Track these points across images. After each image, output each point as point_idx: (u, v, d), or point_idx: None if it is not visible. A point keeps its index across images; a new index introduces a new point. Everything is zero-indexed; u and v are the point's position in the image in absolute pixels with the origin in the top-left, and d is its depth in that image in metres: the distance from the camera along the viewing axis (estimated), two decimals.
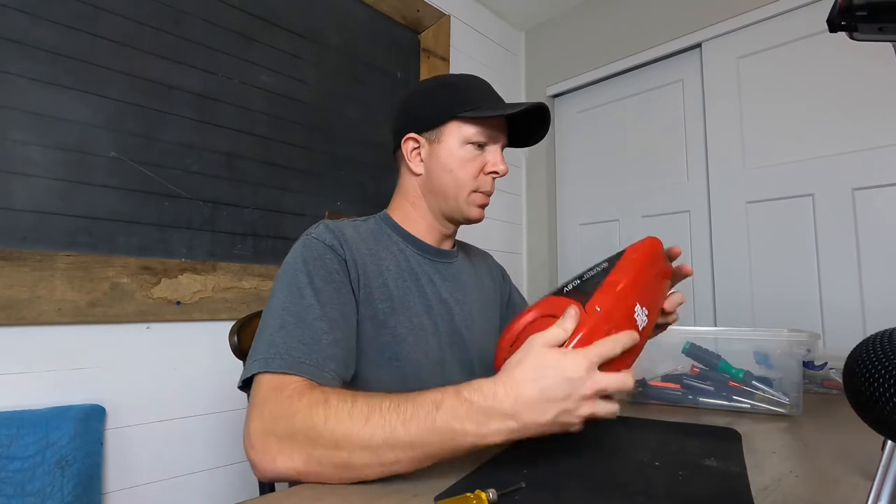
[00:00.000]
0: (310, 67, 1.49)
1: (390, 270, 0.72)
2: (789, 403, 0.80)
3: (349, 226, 0.73)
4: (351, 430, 0.46)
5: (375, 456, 0.46)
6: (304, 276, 0.61)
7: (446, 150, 0.74)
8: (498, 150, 0.76)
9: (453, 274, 0.82)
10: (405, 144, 0.77)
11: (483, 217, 0.79)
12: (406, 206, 0.80)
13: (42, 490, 0.90)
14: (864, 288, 1.40)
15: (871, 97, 1.41)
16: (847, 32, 0.35)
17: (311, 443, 0.47)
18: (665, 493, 0.44)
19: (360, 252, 0.69)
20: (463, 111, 0.72)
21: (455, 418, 0.45)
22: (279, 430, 0.48)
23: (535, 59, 2.35)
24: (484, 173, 0.75)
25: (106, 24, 1.11)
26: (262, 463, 0.49)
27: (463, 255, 0.88)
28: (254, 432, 0.50)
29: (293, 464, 0.48)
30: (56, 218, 1.02)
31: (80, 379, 1.03)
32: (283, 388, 0.51)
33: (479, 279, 0.88)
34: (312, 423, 0.47)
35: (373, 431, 0.45)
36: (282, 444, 0.48)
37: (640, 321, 0.53)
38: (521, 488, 0.44)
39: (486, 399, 0.45)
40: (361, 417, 0.46)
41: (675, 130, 1.87)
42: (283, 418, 0.49)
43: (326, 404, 0.48)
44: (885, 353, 0.27)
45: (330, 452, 0.46)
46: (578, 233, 2.18)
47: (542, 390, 0.45)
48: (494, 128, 0.75)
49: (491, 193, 0.78)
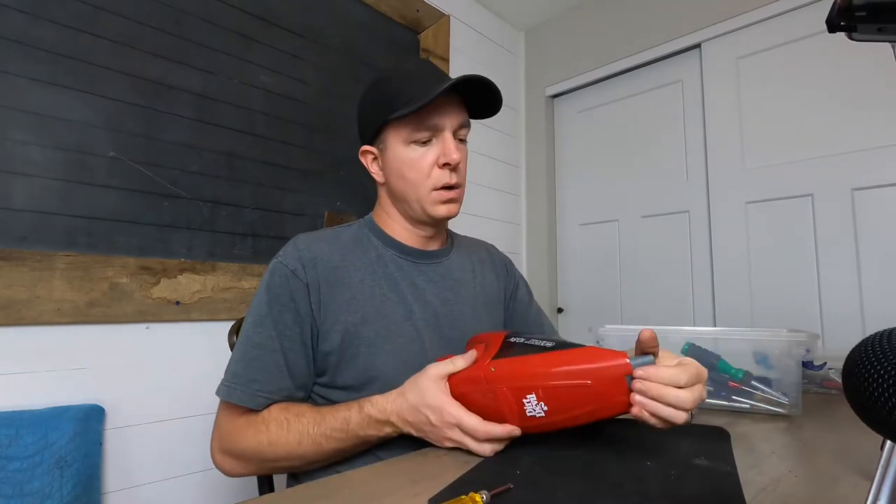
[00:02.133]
0: (310, 67, 1.49)
1: (364, 281, 0.72)
2: (788, 403, 0.80)
3: (326, 237, 0.74)
4: (288, 450, 0.61)
5: (307, 462, 0.63)
6: (265, 306, 0.68)
7: (392, 155, 0.73)
8: (447, 139, 0.71)
9: (441, 274, 0.80)
10: (363, 158, 0.79)
11: (454, 212, 0.75)
12: (382, 214, 0.80)
13: (41, 490, 0.90)
14: (864, 288, 1.40)
15: (871, 97, 1.41)
16: (846, 33, 0.35)
17: (259, 459, 0.64)
18: (658, 493, 0.44)
19: (330, 266, 0.70)
20: (392, 114, 0.69)
21: (360, 428, 0.60)
22: (233, 450, 0.64)
23: (535, 59, 2.35)
24: (438, 167, 0.71)
25: (106, 24, 1.11)
26: (223, 470, 0.67)
27: (457, 252, 0.85)
28: (214, 450, 0.67)
29: (247, 471, 0.66)
30: (55, 218, 1.02)
31: (80, 379, 1.03)
32: (235, 416, 0.65)
33: (476, 275, 0.85)
34: (258, 447, 0.62)
35: (305, 450, 0.61)
36: (236, 460, 0.65)
37: (530, 409, 0.53)
38: (512, 489, 0.44)
39: (380, 413, 0.59)
40: (294, 440, 0.61)
41: (675, 131, 1.87)
42: (235, 442, 0.64)
43: (268, 432, 0.62)
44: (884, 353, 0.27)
45: (275, 464, 0.64)
46: (578, 233, 2.18)
47: (414, 411, 0.57)
48: (434, 116, 0.70)
49: (454, 186, 0.73)
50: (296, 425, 0.61)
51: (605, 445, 0.59)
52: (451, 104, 0.71)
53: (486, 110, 0.76)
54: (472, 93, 0.73)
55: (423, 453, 0.59)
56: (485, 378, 0.55)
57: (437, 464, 0.55)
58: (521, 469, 0.50)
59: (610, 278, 2.04)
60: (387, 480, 0.50)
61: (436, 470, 0.52)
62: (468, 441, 0.55)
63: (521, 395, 0.53)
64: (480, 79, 0.68)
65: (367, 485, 0.49)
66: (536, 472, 0.50)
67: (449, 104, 0.71)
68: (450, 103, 0.71)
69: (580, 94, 2.21)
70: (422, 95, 0.67)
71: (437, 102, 0.69)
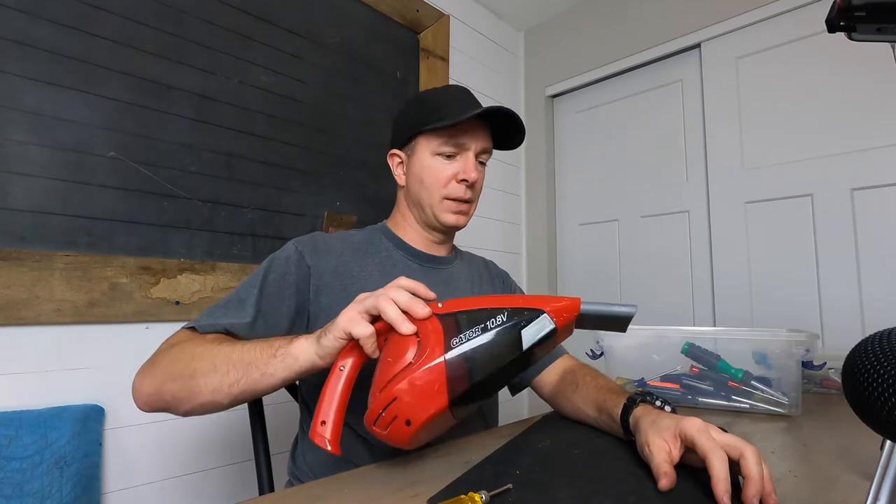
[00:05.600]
0: (309, 67, 1.49)
1: (373, 275, 0.77)
2: (788, 403, 0.80)
3: (340, 237, 0.81)
4: (204, 351, 0.58)
5: (213, 365, 0.57)
6: (262, 271, 0.72)
7: (418, 162, 0.80)
8: (469, 158, 0.79)
9: (444, 279, 0.85)
10: (390, 160, 0.86)
11: (462, 222, 0.82)
12: (398, 216, 0.87)
13: (41, 490, 0.90)
14: (863, 288, 1.40)
15: (870, 97, 1.41)
16: (846, 33, 0.35)
17: (169, 361, 0.60)
18: (657, 493, 0.44)
19: (342, 260, 0.77)
20: (427, 125, 0.77)
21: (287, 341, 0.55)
22: (153, 358, 0.63)
23: (535, 59, 2.35)
24: (456, 181, 0.79)
25: (105, 24, 1.11)
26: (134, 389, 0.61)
27: (460, 262, 0.91)
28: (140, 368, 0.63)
29: (151, 380, 0.60)
30: (55, 218, 1.02)
31: (79, 379, 1.03)
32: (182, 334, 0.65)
33: (474, 286, 0.90)
34: (174, 350, 0.61)
35: (220, 350, 0.57)
36: (149, 368, 0.61)
37: None
38: (511, 489, 0.44)
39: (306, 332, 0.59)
40: (215, 346, 0.59)
41: (674, 131, 1.87)
42: (159, 351, 0.63)
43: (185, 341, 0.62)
44: (883, 353, 0.27)
45: (179, 366, 0.58)
46: (578, 233, 2.18)
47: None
48: (462, 135, 0.78)
49: (466, 200, 0.81)
50: (210, 342, 0.60)
51: (605, 445, 0.59)
52: (480, 129, 0.80)
53: (507, 143, 0.85)
54: (500, 124, 0.81)
55: (423, 453, 0.59)
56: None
57: (436, 464, 0.55)
58: (520, 469, 0.50)
59: (610, 278, 2.04)
60: (386, 480, 0.50)
61: (435, 470, 0.52)
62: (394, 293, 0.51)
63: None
64: (511, 113, 0.77)
65: (367, 485, 0.49)
66: (536, 472, 0.50)
67: (478, 129, 0.79)
68: (479, 128, 0.79)
69: (580, 94, 2.21)
70: (457, 115, 0.75)
71: (469, 124, 0.78)
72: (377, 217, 0.91)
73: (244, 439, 1.23)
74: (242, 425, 1.21)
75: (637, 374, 0.93)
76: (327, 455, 0.73)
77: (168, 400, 0.59)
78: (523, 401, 2.17)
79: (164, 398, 0.59)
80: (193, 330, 0.66)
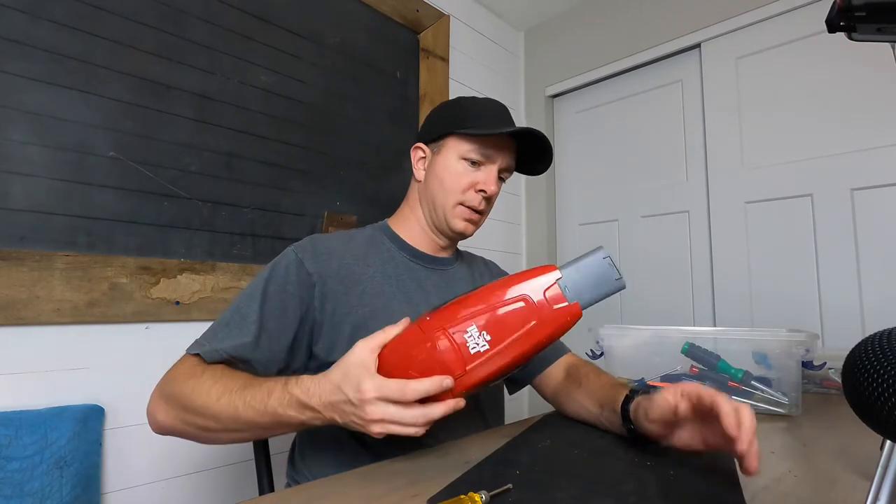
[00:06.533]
0: (309, 67, 1.49)
1: (375, 277, 0.76)
2: (788, 403, 0.80)
3: (340, 237, 0.80)
4: (207, 404, 0.57)
5: (223, 426, 0.58)
6: (263, 282, 0.70)
7: (442, 162, 0.80)
8: (492, 171, 0.79)
9: (447, 281, 0.84)
10: (414, 152, 0.85)
11: (470, 231, 0.82)
12: (406, 211, 0.86)
13: (41, 490, 0.90)
14: (863, 288, 1.40)
15: (870, 97, 1.41)
16: (846, 33, 0.35)
17: (180, 405, 0.60)
18: (658, 493, 0.44)
19: (344, 262, 0.75)
20: (461, 128, 0.77)
21: (280, 406, 0.54)
22: (165, 390, 0.62)
23: (535, 59, 2.35)
24: (475, 190, 0.79)
25: (106, 24, 1.11)
26: (150, 415, 0.63)
27: (461, 263, 0.91)
28: (153, 392, 0.64)
29: (167, 419, 0.61)
30: (55, 218, 1.02)
31: (79, 379, 1.03)
32: (188, 363, 0.64)
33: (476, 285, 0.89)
34: (183, 389, 0.60)
35: (221, 409, 0.57)
36: (164, 403, 0.61)
37: (473, 344, 0.50)
38: (511, 489, 0.44)
39: (302, 394, 0.53)
40: (216, 396, 0.57)
41: (675, 131, 1.87)
42: (171, 382, 0.62)
43: (199, 378, 0.60)
44: (883, 353, 0.27)
45: (191, 416, 0.59)
46: (578, 233, 2.18)
47: (335, 391, 0.51)
48: (491, 148, 0.78)
49: (479, 210, 0.80)
50: (225, 381, 0.59)
51: (605, 445, 0.59)
52: (509, 147, 0.80)
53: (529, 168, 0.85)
54: (527, 148, 0.82)
55: (423, 453, 0.59)
56: (420, 329, 0.51)
57: (436, 464, 0.55)
58: (520, 469, 0.50)
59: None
60: (386, 480, 0.50)
61: (435, 470, 0.52)
62: (394, 413, 0.48)
63: (462, 332, 0.50)
64: (545, 142, 0.78)
65: (367, 485, 0.49)
66: (536, 472, 0.50)
67: (508, 146, 0.80)
68: (508, 146, 0.80)
69: (580, 94, 2.21)
70: (495, 127, 0.77)
71: (500, 139, 0.78)
72: (377, 217, 0.91)
73: None
74: None
75: (637, 374, 0.93)
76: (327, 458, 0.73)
77: (188, 438, 0.62)
78: (523, 401, 2.17)
79: (183, 437, 0.62)
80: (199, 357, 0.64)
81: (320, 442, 0.75)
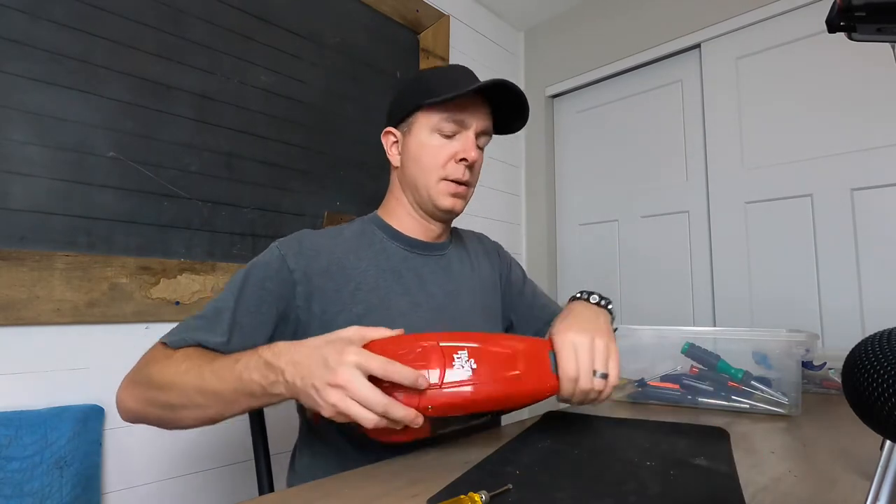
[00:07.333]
0: (309, 67, 1.49)
1: (368, 272, 0.73)
2: (788, 403, 0.80)
3: (329, 234, 0.76)
4: (173, 378, 0.56)
5: (188, 399, 0.55)
6: (241, 278, 0.68)
7: (415, 140, 0.75)
8: (469, 136, 0.74)
9: (444, 267, 0.81)
10: (385, 138, 0.81)
11: (459, 207, 0.77)
12: (392, 202, 0.81)
13: (41, 490, 0.90)
14: (863, 288, 1.40)
15: (870, 97, 1.41)
16: (846, 33, 0.35)
17: (147, 385, 0.58)
18: (657, 493, 0.44)
19: (333, 258, 0.71)
20: (427, 99, 0.72)
21: (246, 369, 0.51)
22: (135, 377, 0.61)
23: (535, 59, 2.35)
24: (455, 161, 0.74)
25: (106, 24, 1.11)
26: (118, 402, 0.61)
27: (456, 244, 0.87)
28: (122, 381, 0.62)
29: (135, 403, 0.59)
30: (55, 218, 1.02)
31: (79, 379, 1.03)
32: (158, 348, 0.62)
33: (473, 266, 0.87)
34: (150, 370, 0.58)
35: (187, 381, 0.55)
36: (132, 387, 0.60)
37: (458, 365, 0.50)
38: (511, 489, 0.44)
39: (272, 355, 0.51)
40: (184, 369, 0.56)
41: (674, 131, 1.87)
42: (139, 367, 0.61)
43: (169, 359, 0.58)
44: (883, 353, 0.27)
45: (156, 393, 0.57)
46: (578, 233, 2.18)
47: (312, 352, 0.49)
48: (462, 112, 0.73)
49: (464, 182, 0.75)
50: (196, 358, 0.57)
51: (605, 445, 0.59)
52: (481, 108, 0.75)
53: (508, 126, 0.80)
54: (501, 107, 0.76)
55: (423, 453, 0.59)
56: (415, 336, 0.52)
57: (436, 464, 0.55)
58: (520, 469, 0.50)
59: (610, 278, 2.04)
60: (386, 480, 0.50)
61: (435, 470, 0.52)
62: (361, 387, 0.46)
63: (452, 350, 0.51)
64: (516, 89, 0.72)
65: (367, 485, 0.49)
66: (536, 472, 0.50)
67: (480, 108, 0.74)
68: (480, 107, 0.75)
69: (580, 95, 2.21)
70: (459, 89, 0.70)
71: (469, 103, 0.73)
72: None
73: (244, 439, 1.23)
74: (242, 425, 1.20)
75: (637, 374, 0.93)
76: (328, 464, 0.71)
77: (153, 422, 0.60)
78: None
79: (149, 420, 0.60)
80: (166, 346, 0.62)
81: (321, 447, 0.74)
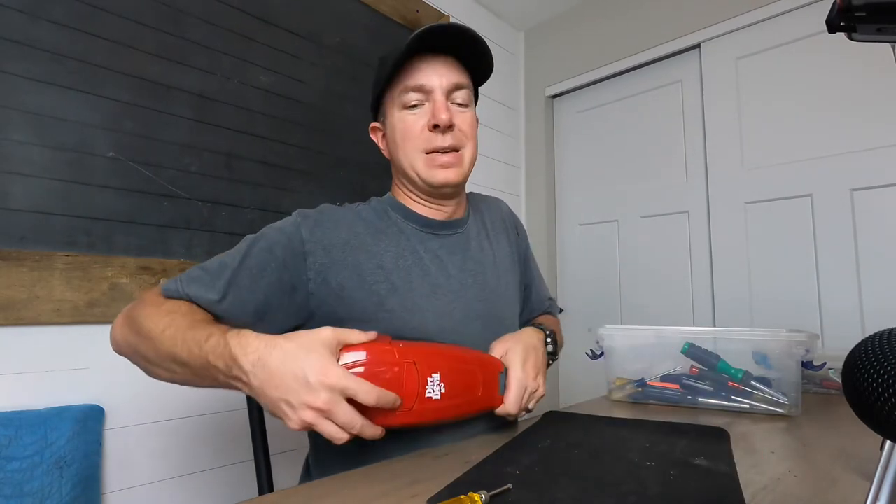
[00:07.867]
0: (309, 67, 1.49)
1: (389, 251, 0.70)
2: (788, 403, 0.80)
3: (351, 209, 0.74)
4: (153, 333, 0.54)
5: (161, 359, 0.54)
6: (253, 239, 0.65)
7: (390, 124, 0.73)
8: (436, 100, 0.68)
9: (462, 246, 0.77)
10: (373, 135, 0.79)
11: (452, 178, 0.71)
12: (397, 189, 0.79)
13: (41, 490, 0.90)
14: (863, 288, 1.40)
15: (870, 98, 1.41)
16: (846, 33, 0.35)
17: (133, 330, 0.57)
18: (657, 493, 0.44)
19: (354, 232, 0.69)
20: (386, 76, 0.70)
21: (213, 353, 0.50)
22: (130, 312, 0.59)
23: (535, 59, 2.35)
24: (429, 129, 0.69)
25: (106, 24, 1.11)
26: (111, 332, 0.61)
27: (473, 217, 0.83)
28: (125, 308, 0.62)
29: (122, 339, 0.59)
30: (55, 218, 1.02)
31: (79, 379, 1.03)
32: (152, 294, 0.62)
33: (492, 241, 0.83)
34: (139, 314, 0.57)
35: (163, 341, 0.53)
36: (124, 323, 0.60)
37: (430, 390, 0.54)
38: (511, 489, 0.44)
39: (238, 347, 0.48)
40: (163, 326, 0.54)
41: (674, 131, 1.87)
42: (135, 306, 0.60)
43: (157, 308, 0.57)
44: (883, 353, 0.27)
45: (137, 341, 0.56)
46: (578, 233, 2.18)
47: (290, 360, 0.46)
48: (419, 76, 0.68)
49: (447, 149, 0.70)
50: (178, 316, 0.55)
51: (605, 445, 0.59)
52: (438, 65, 0.69)
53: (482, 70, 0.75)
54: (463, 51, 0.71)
55: (423, 453, 0.59)
56: (395, 352, 0.52)
57: (436, 464, 0.55)
58: (520, 469, 0.50)
59: (610, 278, 2.04)
60: (386, 481, 0.50)
61: (435, 470, 0.52)
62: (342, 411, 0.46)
63: (427, 373, 0.54)
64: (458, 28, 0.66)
65: (367, 485, 0.49)
66: (536, 472, 0.50)
67: (436, 64, 0.69)
68: (441, 64, 0.69)
69: (580, 95, 2.21)
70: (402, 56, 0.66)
71: (423, 64, 0.68)
72: None
73: (244, 439, 1.23)
74: (242, 425, 1.21)
75: (637, 374, 0.93)
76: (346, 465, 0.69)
77: (135, 363, 0.60)
78: None
79: (132, 361, 0.60)
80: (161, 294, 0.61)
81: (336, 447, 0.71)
